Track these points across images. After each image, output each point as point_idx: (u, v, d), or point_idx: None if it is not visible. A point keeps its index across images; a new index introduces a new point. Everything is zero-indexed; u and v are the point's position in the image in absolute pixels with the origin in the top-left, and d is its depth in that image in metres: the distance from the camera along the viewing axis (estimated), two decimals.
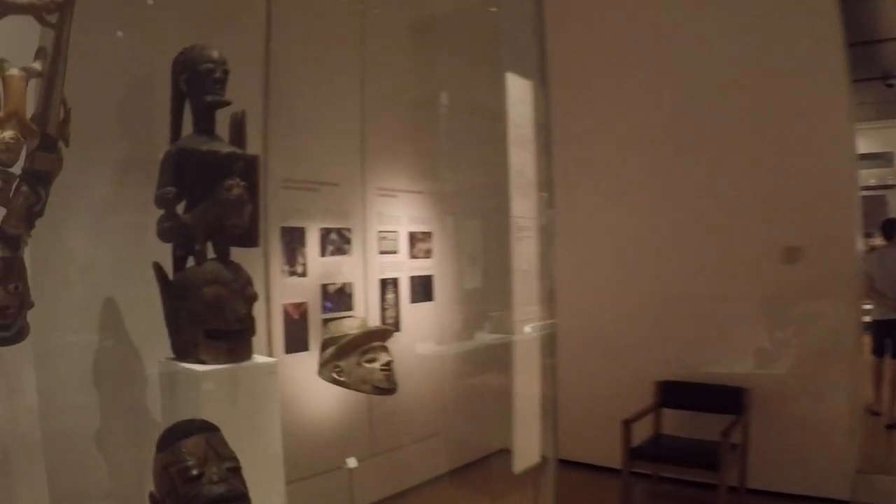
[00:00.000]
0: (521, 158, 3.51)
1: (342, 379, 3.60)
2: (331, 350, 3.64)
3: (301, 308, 4.59)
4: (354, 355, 3.58)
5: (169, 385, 3.11)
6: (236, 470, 2.44)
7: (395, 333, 5.23)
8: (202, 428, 2.49)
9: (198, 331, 3.00)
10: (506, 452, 4.81)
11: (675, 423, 5.74)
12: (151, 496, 2.43)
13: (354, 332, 3.63)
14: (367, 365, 3.57)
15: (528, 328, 4.62)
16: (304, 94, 4.68)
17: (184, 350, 3.05)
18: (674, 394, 5.76)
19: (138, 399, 3.67)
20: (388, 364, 3.58)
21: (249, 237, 3.17)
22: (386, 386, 3.56)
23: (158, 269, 3.07)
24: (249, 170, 3.11)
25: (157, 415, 3.59)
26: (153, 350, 3.58)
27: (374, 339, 3.65)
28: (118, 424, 3.65)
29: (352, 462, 3.82)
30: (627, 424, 5.23)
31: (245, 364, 3.10)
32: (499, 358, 5.63)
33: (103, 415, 3.62)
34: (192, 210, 3.05)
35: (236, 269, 3.08)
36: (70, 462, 3.19)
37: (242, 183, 3.01)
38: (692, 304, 5.80)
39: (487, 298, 6.01)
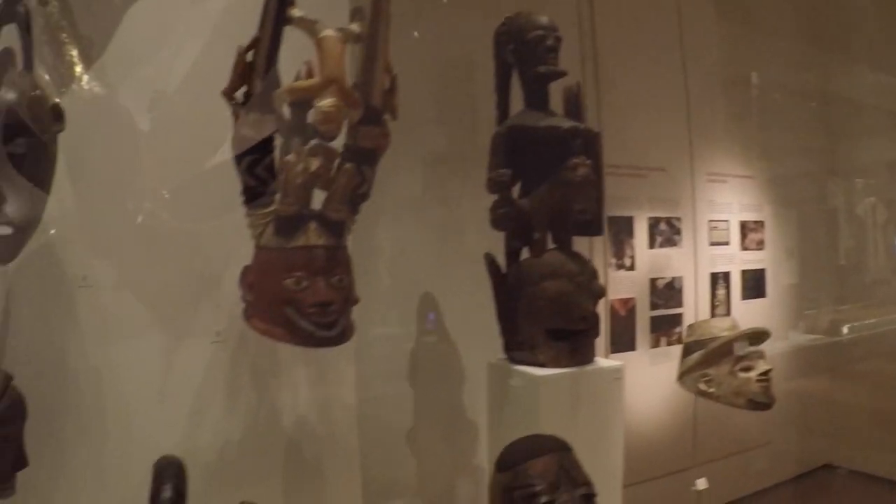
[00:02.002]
0: None
1: (711, 390, 3.12)
2: (697, 355, 3.17)
3: (629, 304, 4.19)
4: (726, 363, 3.08)
5: (500, 389, 2.81)
6: (590, 498, 2.08)
7: None
8: (554, 447, 2.14)
9: (537, 330, 2.68)
10: (828, 469, 4.46)
11: None
12: None
13: (726, 334, 3.13)
14: (743, 374, 3.06)
15: None
16: (624, 72, 4.27)
17: (519, 350, 2.74)
18: None
19: (454, 398, 3.51)
20: (767, 373, 3.05)
21: (594, 224, 2.79)
22: (763, 400, 3.03)
23: (491, 261, 2.78)
24: (592, 147, 2.74)
25: (474, 414, 3.39)
26: (471, 347, 3.38)
27: (750, 342, 3.14)
28: (432, 423, 3.52)
29: (702, 483, 3.34)
30: None
31: (588, 368, 2.72)
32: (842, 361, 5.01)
33: (417, 412, 3.48)
34: (530, 194, 2.73)
35: (581, 260, 2.72)
36: (379, 457, 3.04)
37: (588, 161, 2.62)
38: None
39: (829, 294, 5.44)
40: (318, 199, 2.12)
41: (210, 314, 2.37)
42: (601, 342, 3.93)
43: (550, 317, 2.64)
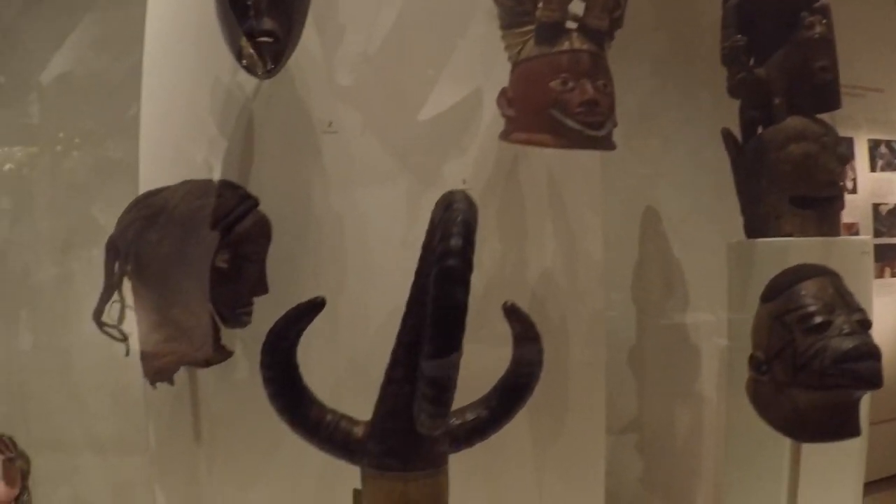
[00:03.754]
0: None
1: None
2: None
3: (852, 229, 3.96)
4: None
5: (743, 269, 2.69)
6: (867, 325, 1.98)
7: None
8: (825, 271, 2.02)
9: (781, 198, 2.59)
10: None
11: None
12: (753, 359, 2.09)
13: None
14: None
15: None
16: None
17: (763, 224, 2.65)
18: None
19: (677, 319, 3.39)
20: None
21: (831, 97, 2.66)
22: None
23: (728, 135, 2.72)
24: (824, 15, 2.62)
25: (697, 339, 3.34)
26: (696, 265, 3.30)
27: None
28: (655, 343, 3.41)
29: None
30: None
31: (836, 239, 2.58)
32: None
33: (639, 330, 3.43)
34: (765, 63, 2.64)
35: (824, 123, 2.61)
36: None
37: (824, 20, 2.52)
38: None
39: None
40: None
41: (456, 161, 2.33)
42: None
43: (795, 182, 2.55)
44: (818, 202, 2.56)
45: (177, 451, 2.23)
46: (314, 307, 1.73)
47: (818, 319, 1.91)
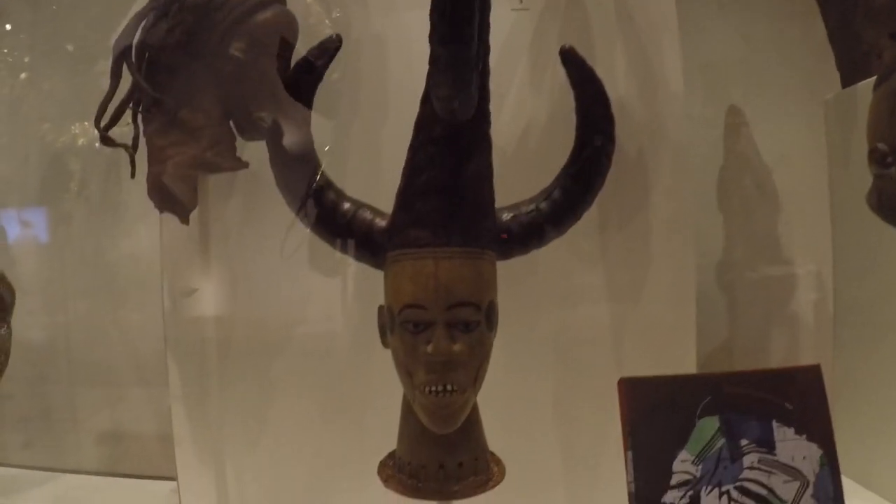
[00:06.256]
0: None
1: None
2: None
3: None
4: None
5: (843, 121, 2.50)
6: None
7: None
8: None
9: (880, 34, 2.30)
10: None
11: None
12: (875, 153, 1.91)
13: None
14: None
15: None
16: None
17: (862, 67, 2.38)
18: None
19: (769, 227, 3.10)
20: None
21: None
22: None
23: None
24: None
25: (789, 250, 3.07)
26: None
27: None
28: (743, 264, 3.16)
29: None
30: None
31: None
32: None
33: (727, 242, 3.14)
34: None
35: None
36: None
37: None
38: None
39: None
40: None
41: None
42: None
43: (893, 12, 2.28)
44: None
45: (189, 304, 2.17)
46: (329, 44, 1.57)
47: None
